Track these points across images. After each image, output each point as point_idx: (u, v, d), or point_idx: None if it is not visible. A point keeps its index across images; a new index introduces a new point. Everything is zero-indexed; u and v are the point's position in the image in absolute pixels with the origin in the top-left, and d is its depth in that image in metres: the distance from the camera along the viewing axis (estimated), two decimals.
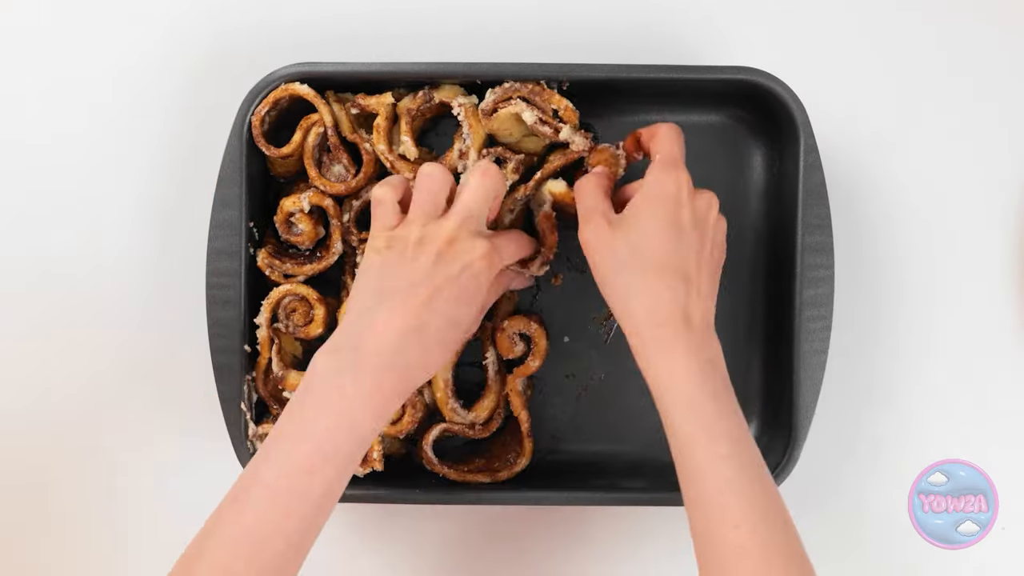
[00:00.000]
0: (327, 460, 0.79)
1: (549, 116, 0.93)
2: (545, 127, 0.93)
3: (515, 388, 0.96)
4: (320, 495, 0.79)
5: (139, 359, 1.04)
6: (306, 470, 0.79)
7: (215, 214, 0.95)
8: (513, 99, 0.93)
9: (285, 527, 0.78)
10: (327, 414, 0.80)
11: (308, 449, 0.79)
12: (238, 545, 0.77)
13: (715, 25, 1.04)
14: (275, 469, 0.79)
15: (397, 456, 1.00)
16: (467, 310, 0.85)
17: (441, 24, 1.03)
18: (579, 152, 0.93)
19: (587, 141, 0.93)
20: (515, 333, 0.97)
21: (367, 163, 0.95)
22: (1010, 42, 1.04)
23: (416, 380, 0.83)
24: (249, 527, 0.78)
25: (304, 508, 0.78)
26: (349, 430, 0.80)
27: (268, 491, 0.78)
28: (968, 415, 1.04)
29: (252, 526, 0.78)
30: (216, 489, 1.03)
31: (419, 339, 0.82)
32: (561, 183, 0.94)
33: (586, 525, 1.04)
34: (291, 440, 0.80)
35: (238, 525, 0.78)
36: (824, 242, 0.95)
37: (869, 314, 1.03)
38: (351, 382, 0.80)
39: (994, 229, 1.04)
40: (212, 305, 0.95)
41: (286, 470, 0.79)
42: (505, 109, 0.93)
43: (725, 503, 0.79)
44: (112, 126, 1.04)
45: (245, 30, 1.04)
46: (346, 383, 0.80)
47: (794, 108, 0.93)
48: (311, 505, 0.79)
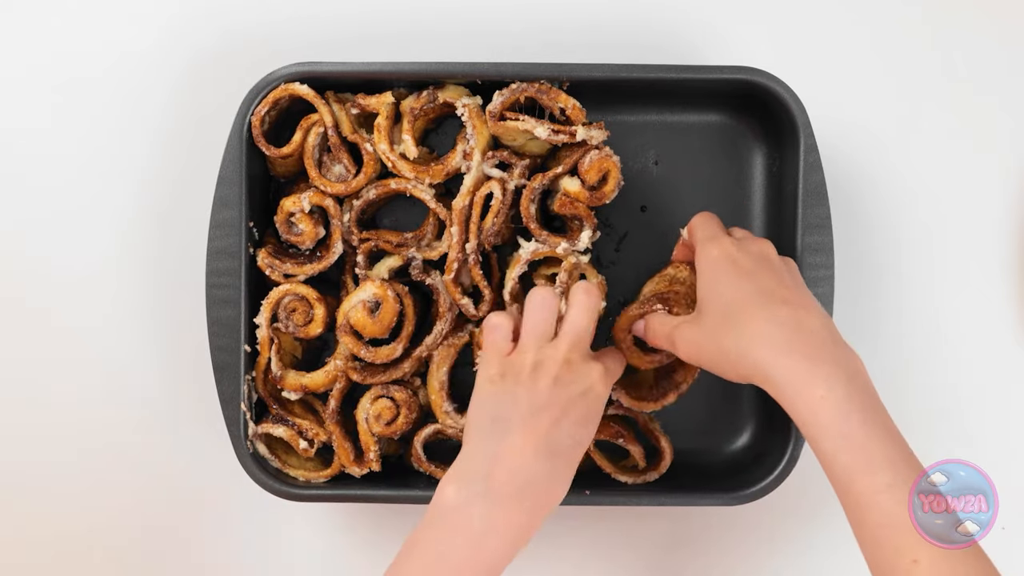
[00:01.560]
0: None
1: (557, 114, 0.93)
2: (560, 136, 0.93)
3: None
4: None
5: (139, 359, 1.04)
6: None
7: (215, 214, 0.95)
8: (522, 117, 0.93)
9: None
10: (457, 548, 0.77)
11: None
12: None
13: (715, 25, 1.04)
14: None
15: (394, 457, 1.00)
16: (589, 431, 0.83)
17: (441, 24, 1.03)
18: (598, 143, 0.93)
19: (603, 132, 0.94)
20: None
21: (367, 163, 0.95)
22: (1010, 42, 1.04)
23: (548, 506, 0.80)
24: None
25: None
26: (481, 564, 0.77)
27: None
28: (968, 415, 1.04)
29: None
30: (216, 489, 1.04)
31: (550, 463, 0.80)
32: (576, 181, 0.94)
33: (586, 525, 1.04)
34: (417, 574, 0.77)
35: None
36: (824, 242, 0.95)
37: (869, 314, 1.03)
38: (482, 513, 0.77)
39: (994, 229, 1.04)
40: (212, 305, 0.95)
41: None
42: (515, 124, 0.93)
43: (895, 537, 0.74)
44: (112, 126, 1.04)
45: (245, 30, 1.04)
46: (476, 514, 0.77)
47: (794, 108, 0.93)
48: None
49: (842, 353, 0.80)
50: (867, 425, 0.76)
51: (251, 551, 1.04)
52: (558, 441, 0.80)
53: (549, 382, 0.82)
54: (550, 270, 0.96)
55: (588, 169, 0.93)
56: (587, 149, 0.93)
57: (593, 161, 0.93)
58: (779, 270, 0.85)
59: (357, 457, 0.97)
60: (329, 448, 0.98)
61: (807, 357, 0.79)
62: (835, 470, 0.77)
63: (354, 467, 0.96)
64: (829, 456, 0.77)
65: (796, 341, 0.79)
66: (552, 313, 0.86)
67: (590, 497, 0.95)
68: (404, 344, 0.96)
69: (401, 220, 1.01)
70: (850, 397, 0.77)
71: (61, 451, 1.04)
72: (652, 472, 0.97)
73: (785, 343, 0.79)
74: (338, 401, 0.96)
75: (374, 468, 0.96)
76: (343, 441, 0.96)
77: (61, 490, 1.04)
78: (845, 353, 0.80)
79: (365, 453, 0.96)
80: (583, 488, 0.95)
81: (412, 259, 0.97)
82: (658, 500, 0.97)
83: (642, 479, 0.97)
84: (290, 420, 0.97)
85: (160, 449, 1.04)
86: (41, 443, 1.04)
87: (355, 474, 0.96)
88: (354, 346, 0.95)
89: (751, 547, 1.05)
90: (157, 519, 1.04)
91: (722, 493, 0.96)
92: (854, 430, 0.76)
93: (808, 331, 0.80)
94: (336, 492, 0.97)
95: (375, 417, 0.96)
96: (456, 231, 0.94)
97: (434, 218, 0.97)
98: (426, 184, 0.95)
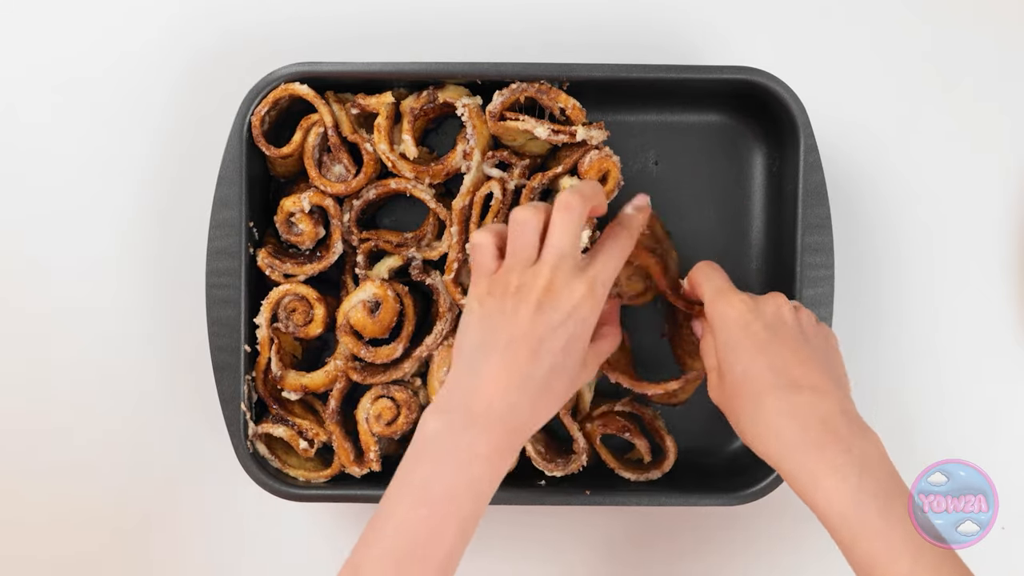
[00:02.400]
0: (447, 524, 0.77)
1: (557, 114, 0.93)
2: (560, 136, 0.93)
3: None
4: (442, 560, 0.76)
5: (139, 359, 1.04)
6: (426, 535, 0.76)
7: (215, 214, 0.95)
8: (522, 117, 0.93)
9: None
10: (443, 476, 0.77)
11: (427, 513, 0.77)
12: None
13: (715, 25, 1.04)
14: (392, 538, 0.77)
15: (394, 457, 1.00)
16: (573, 356, 0.82)
17: (441, 24, 1.03)
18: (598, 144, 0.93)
19: (603, 132, 0.94)
20: None
21: (367, 163, 0.95)
22: (1009, 43, 1.04)
23: (528, 432, 0.81)
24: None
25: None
26: (467, 490, 0.77)
27: (386, 562, 0.76)
28: (968, 415, 1.04)
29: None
30: (216, 489, 1.04)
31: (528, 393, 0.80)
32: (575, 180, 0.94)
33: (586, 525, 1.04)
34: (407, 504, 0.78)
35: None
36: (824, 242, 0.95)
37: (869, 314, 1.03)
38: (465, 442, 0.78)
39: (994, 229, 1.04)
40: (212, 305, 0.95)
41: (406, 537, 0.76)
42: (515, 124, 0.93)
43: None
44: (112, 126, 1.04)
45: (245, 30, 1.04)
46: (460, 443, 0.78)
47: (794, 108, 0.93)
48: (433, 573, 0.76)
49: (856, 437, 0.80)
50: (885, 513, 0.76)
51: (251, 551, 1.04)
52: (535, 372, 0.80)
53: (530, 309, 0.81)
54: None
55: (588, 169, 0.93)
56: (587, 149, 0.93)
57: (593, 161, 0.93)
58: (794, 336, 0.84)
59: (357, 457, 0.97)
60: (329, 448, 0.98)
61: (819, 447, 0.79)
62: (855, 556, 0.77)
63: (354, 467, 0.96)
64: (848, 544, 0.77)
65: (808, 431, 0.79)
66: (533, 233, 0.84)
67: (590, 497, 0.95)
68: (404, 344, 0.96)
69: (401, 220, 1.01)
70: (862, 486, 0.77)
71: (60, 451, 1.04)
72: (655, 470, 0.97)
73: (796, 436, 0.79)
74: (338, 401, 0.96)
75: (374, 468, 0.96)
76: (343, 441, 0.96)
77: (60, 490, 1.04)
78: (859, 436, 0.80)
79: (365, 453, 0.96)
80: (583, 488, 0.95)
81: (412, 259, 0.97)
82: (658, 500, 0.97)
83: (645, 477, 0.97)
84: (290, 420, 0.97)
85: (160, 449, 1.04)
86: (40, 443, 1.04)
87: (355, 474, 0.97)
88: (354, 346, 0.95)
89: (751, 547, 1.05)
90: (157, 518, 1.04)
91: (722, 493, 0.96)
92: (871, 519, 0.76)
93: (820, 419, 0.80)
94: (336, 492, 0.97)
95: (375, 417, 0.96)
96: (456, 231, 0.94)
97: (434, 218, 0.97)
98: (426, 184, 0.95)
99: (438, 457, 0.78)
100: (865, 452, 0.79)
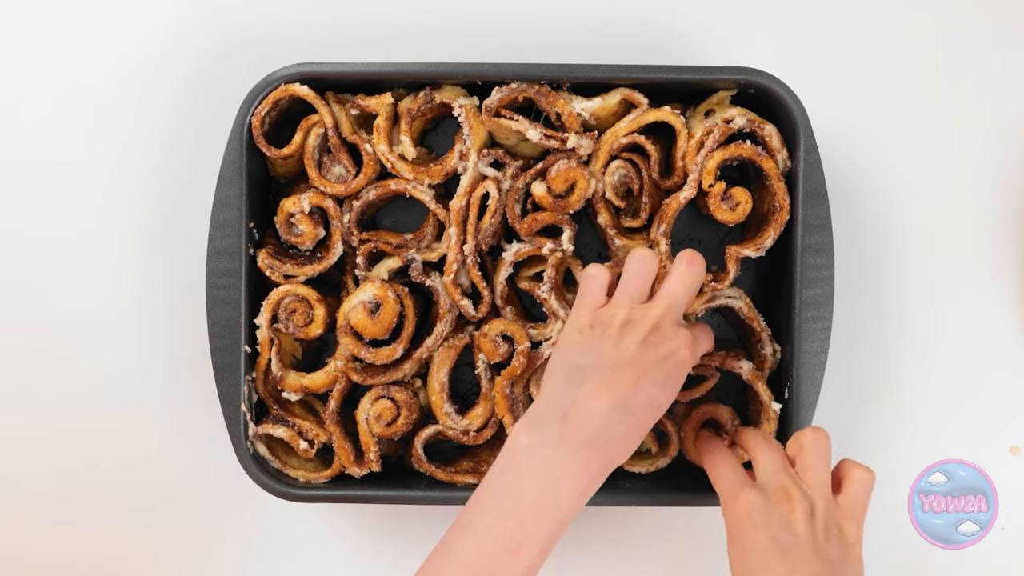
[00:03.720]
0: (530, 539, 0.76)
1: (553, 118, 0.93)
2: (551, 141, 0.93)
3: (501, 391, 0.95)
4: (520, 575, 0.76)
5: (139, 359, 1.04)
6: (507, 548, 0.76)
7: (215, 215, 0.95)
8: (517, 117, 0.93)
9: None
10: (532, 490, 0.77)
11: (511, 526, 0.76)
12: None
13: (714, 26, 1.04)
14: (473, 547, 0.76)
15: (394, 457, 1.00)
16: (668, 395, 0.83)
17: (441, 25, 1.03)
18: (583, 155, 0.93)
19: (592, 142, 0.94)
20: (497, 335, 0.96)
21: (367, 164, 0.95)
22: (1009, 43, 1.04)
23: (616, 460, 0.80)
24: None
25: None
26: (553, 508, 0.77)
27: (465, 569, 0.76)
28: (968, 415, 1.04)
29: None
30: (216, 489, 1.04)
31: (624, 417, 0.80)
32: (543, 186, 0.94)
33: (586, 525, 1.04)
34: (491, 515, 0.77)
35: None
36: (824, 242, 0.95)
37: (869, 314, 1.03)
38: (557, 458, 0.78)
39: (994, 229, 1.04)
40: (212, 305, 0.95)
41: (487, 548, 0.76)
42: (508, 123, 0.93)
43: None
44: (113, 127, 1.04)
45: (245, 31, 1.04)
46: (552, 459, 0.78)
47: (794, 108, 0.93)
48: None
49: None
50: None
51: (251, 551, 1.05)
52: (635, 399, 0.80)
53: (636, 340, 0.81)
54: (532, 270, 0.97)
55: (555, 177, 0.93)
56: (558, 156, 0.93)
57: (561, 170, 0.93)
58: (803, 554, 0.80)
59: (357, 458, 0.97)
60: (329, 449, 0.98)
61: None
62: None
63: (354, 468, 0.96)
64: None
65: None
66: (650, 274, 0.86)
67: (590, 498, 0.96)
68: (404, 345, 0.96)
69: (401, 221, 1.01)
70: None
71: (60, 451, 1.04)
72: (664, 457, 0.97)
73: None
74: (338, 402, 0.96)
75: (374, 469, 0.96)
76: (343, 442, 0.96)
77: (60, 490, 1.04)
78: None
79: (365, 454, 0.96)
80: None
81: (412, 260, 0.97)
82: (658, 500, 0.97)
83: (654, 466, 0.97)
84: (290, 421, 0.97)
85: (160, 449, 1.04)
86: (40, 444, 1.04)
87: (355, 475, 0.97)
88: (354, 347, 0.95)
89: None
90: (157, 519, 1.04)
91: None
92: None
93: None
94: (336, 493, 0.97)
95: (375, 418, 0.96)
96: (455, 232, 0.94)
97: (434, 219, 0.97)
98: (425, 185, 0.95)
99: (528, 471, 0.78)
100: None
